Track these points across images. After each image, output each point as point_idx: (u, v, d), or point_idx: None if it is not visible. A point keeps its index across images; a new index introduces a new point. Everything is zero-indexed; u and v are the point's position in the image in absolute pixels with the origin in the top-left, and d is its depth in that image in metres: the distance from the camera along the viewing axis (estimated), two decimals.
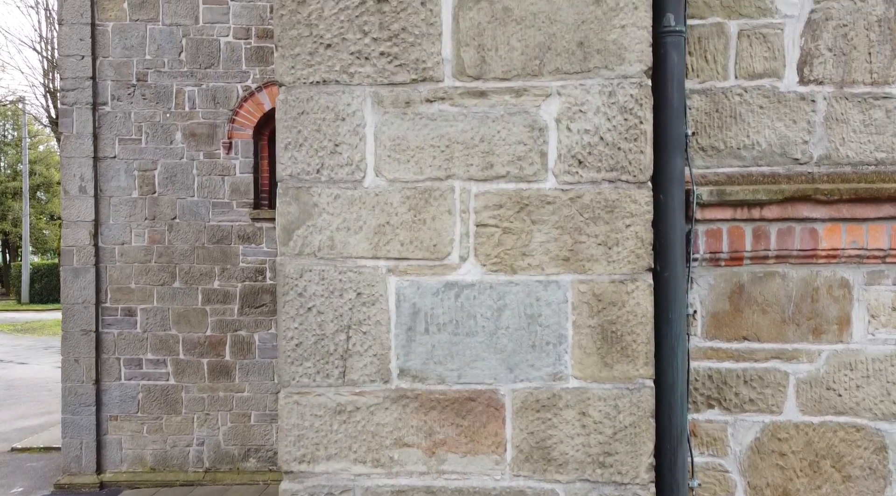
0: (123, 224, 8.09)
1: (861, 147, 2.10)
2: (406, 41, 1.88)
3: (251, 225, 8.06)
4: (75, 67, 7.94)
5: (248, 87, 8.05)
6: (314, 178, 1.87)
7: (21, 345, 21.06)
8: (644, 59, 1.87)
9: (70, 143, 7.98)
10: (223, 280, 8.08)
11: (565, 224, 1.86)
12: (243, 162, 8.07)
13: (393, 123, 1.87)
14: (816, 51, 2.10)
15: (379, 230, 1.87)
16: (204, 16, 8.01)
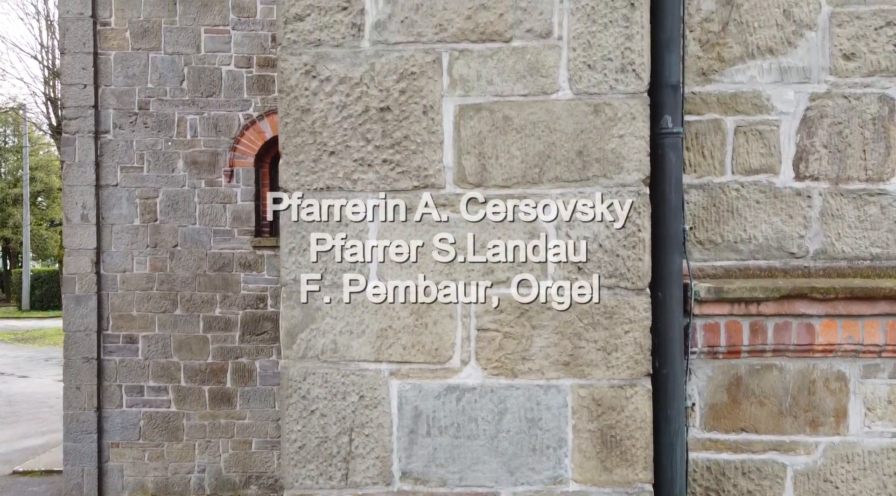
0: (125, 251, 8.12)
1: (857, 242, 2.13)
2: (408, 148, 1.91)
3: (252, 253, 8.09)
4: (77, 96, 7.98)
5: (249, 115, 8.09)
6: (318, 283, 1.90)
7: (22, 357, 21.04)
8: (642, 168, 1.90)
9: (72, 172, 8.01)
10: (224, 307, 8.11)
11: (565, 329, 1.89)
12: (245, 190, 8.10)
13: (395, 229, 1.90)
14: (812, 147, 2.13)
15: (381, 334, 1.90)
16: (206, 45, 8.05)
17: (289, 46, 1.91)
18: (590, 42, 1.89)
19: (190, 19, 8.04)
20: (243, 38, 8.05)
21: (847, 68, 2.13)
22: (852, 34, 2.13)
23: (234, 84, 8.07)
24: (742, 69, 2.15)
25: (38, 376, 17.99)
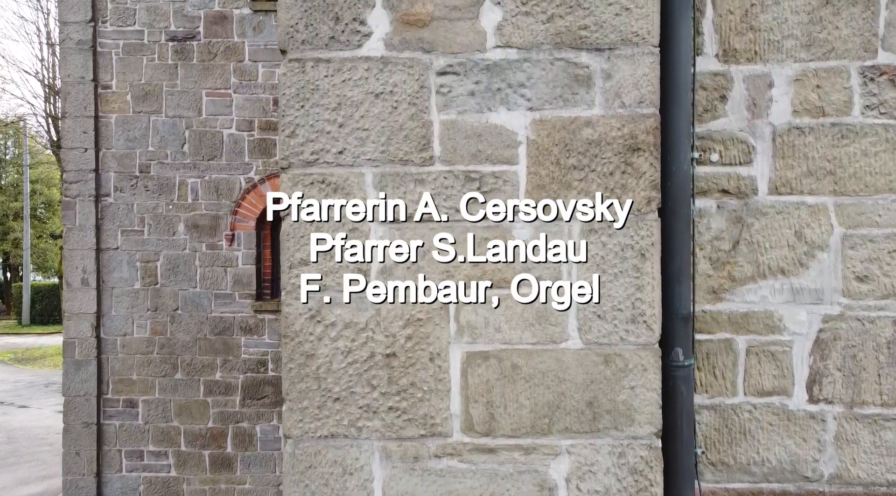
0: (125, 315, 8.07)
1: (872, 468, 2.08)
2: (415, 396, 1.87)
3: (253, 316, 8.05)
4: (78, 160, 7.96)
5: (250, 178, 8.06)
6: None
7: (22, 382, 20.93)
8: (654, 421, 1.86)
9: (73, 236, 7.98)
10: (225, 371, 8.06)
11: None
12: (246, 253, 8.06)
13: (401, 478, 1.86)
14: (825, 370, 2.09)
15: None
16: (207, 108, 8.03)
17: (293, 291, 1.88)
18: (600, 292, 1.85)
19: (191, 82, 8.02)
20: (245, 102, 8.03)
21: (860, 291, 2.09)
22: (865, 257, 2.09)
23: (236, 147, 8.05)
24: (753, 289, 2.11)
25: (38, 406, 17.89)
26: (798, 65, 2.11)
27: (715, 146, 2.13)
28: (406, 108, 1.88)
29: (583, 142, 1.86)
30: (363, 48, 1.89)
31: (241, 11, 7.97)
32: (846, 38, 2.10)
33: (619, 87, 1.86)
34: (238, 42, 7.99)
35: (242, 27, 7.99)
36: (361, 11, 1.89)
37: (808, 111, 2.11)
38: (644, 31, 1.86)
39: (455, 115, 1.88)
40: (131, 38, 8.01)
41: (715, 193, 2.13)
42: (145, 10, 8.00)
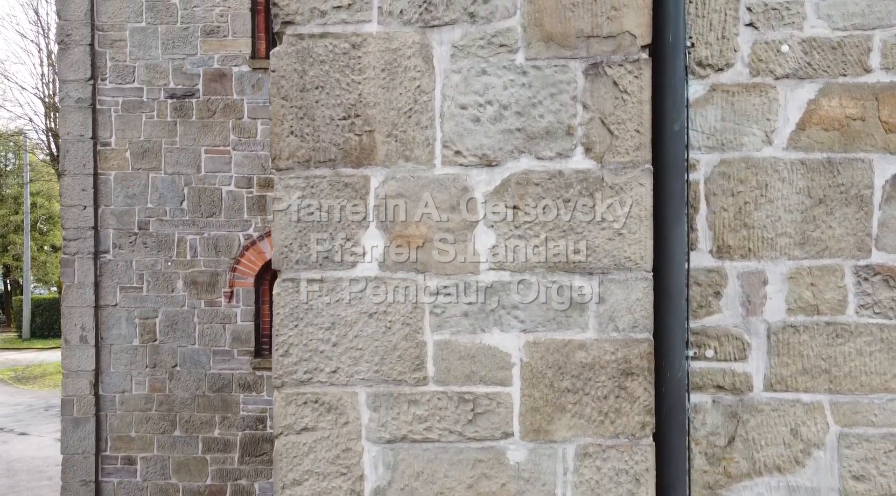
0: (124, 372, 8.07)
1: None
2: None
3: (252, 373, 8.04)
4: (77, 217, 7.97)
5: (249, 235, 8.07)
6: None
7: (22, 405, 20.86)
8: None
9: (71, 293, 7.98)
10: (223, 429, 8.04)
11: None
12: (244, 310, 8.06)
13: None
14: None
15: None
16: (206, 165, 8.04)
17: None
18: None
19: (190, 140, 8.04)
20: (244, 159, 8.04)
21: (857, 490, 2.08)
22: (862, 456, 2.08)
23: (235, 204, 8.05)
24: (749, 486, 2.10)
25: (38, 433, 17.83)
26: (792, 262, 2.11)
27: (710, 342, 2.13)
28: (400, 329, 1.88)
29: (577, 365, 1.86)
30: (357, 268, 1.89)
31: (239, 69, 8.00)
32: (840, 237, 2.10)
33: (612, 312, 1.86)
34: (237, 99, 8.01)
35: (241, 85, 8.01)
36: (355, 232, 1.89)
37: (803, 309, 2.11)
38: (637, 257, 1.86)
39: (449, 335, 1.88)
40: (130, 95, 8.04)
41: (710, 389, 2.13)
42: (144, 67, 8.02)
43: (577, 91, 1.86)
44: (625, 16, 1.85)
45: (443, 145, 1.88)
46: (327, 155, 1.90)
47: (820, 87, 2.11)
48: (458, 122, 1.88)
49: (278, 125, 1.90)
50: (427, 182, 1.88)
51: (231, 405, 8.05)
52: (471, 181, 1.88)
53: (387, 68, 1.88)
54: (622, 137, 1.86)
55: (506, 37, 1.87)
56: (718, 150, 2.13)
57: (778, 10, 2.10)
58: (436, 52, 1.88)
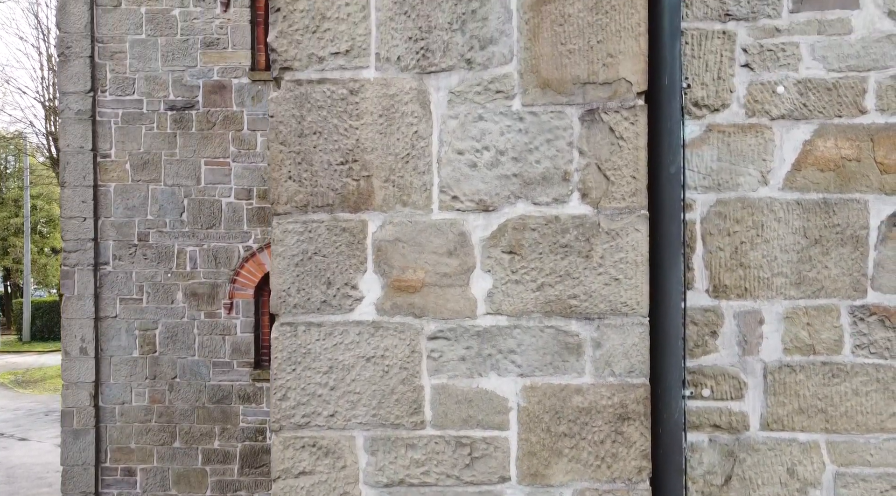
0: (124, 384, 8.08)
1: None
2: None
3: (252, 385, 8.05)
4: (77, 229, 7.98)
5: (249, 247, 8.08)
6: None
7: (22, 410, 20.84)
8: None
9: (71, 305, 7.99)
10: (223, 440, 8.05)
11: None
12: (244, 321, 8.07)
13: None
14: None
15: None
16: (206, 177, 8.06)
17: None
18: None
19: (190, 151, 8.06)
20: (243, 171, 8.06)
21: None
22: (858, 495, 2.09)
23: (234, 216, 8.07)
24: None
25: (38, 439, 17.81)
26: (788, 302, 2.12)
27: (707, 381, 2.14)
28: (397, 373, 1.89)
29: (573, 409, 1.87)
30: (355, 312, 1.90)
31: (239, 81, 8.01)
32: (836, 277, 2.11)
33: (609, 356, 1.87)
34: (237, 111, 8.03)
35: (241, 96, 8.03)
36: (353, 276, 1.90)
37: (799, 349, 2.11)
38: (633, 302, 1.87)
39: (446, 379, 1.89)
40: (130, 107, 8.05)
41: (707, 428, 2.14)
42: (144, 79, 8.04)
43: (573, 137, 1.87)
44: (621, 62, 1.86)
45: (440, 190, 1.89)
46: (325, 199, 1.91)
47: (815, 128, 2.12)
48: (455, 168, 1.89)
49: (276, 170, 1.92)
50: (424, 227, 1.89)
51: (231, 416, 8.06)
52: (468, 226, 1.89)
53: (384, 114, 1.90)
54: (618, 183, 1.87)
55: (502, 83, 1.88)
56: (715, 189, 2.15)
57: (773, 51, 2.12)
58: (433, 97, 1.89)
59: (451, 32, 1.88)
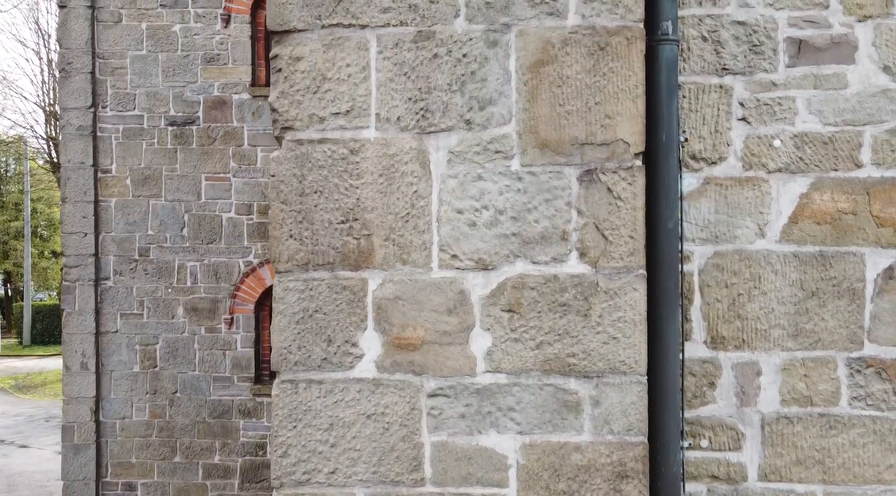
0: (124, 398, 8.09)
1: None
2: None
3: (252, 400, 8.05)
4: (78, 245, 7.99)
5: (249, 262, 8.09)
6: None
7: (22, 416, 20.81)
8: None
9: (72, 320, 8.00)
10: (224, 455, 8.05)
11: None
12: (244, 336, 8.08)
13: None
14: None
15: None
16: (206, 192, 8.07)
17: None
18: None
19: (191, 167, 8.07)
20: (244, 186, 8.08)
21: None
22: None
23: (235, 231, 8.08)
24: None
25: (39, 446, 17.79)
26: (785, 354, 2.13)
27: (705, 432, 2.15)
28: (397, 430, 1.91)
29: (572, 467, 1.89)
30: (355, 369, 1.92)
31: (240, 96, 8.03)
32: (833, 329, 2.12)
33: (607, 414, 1.89)
34: (237, 127, 8.05)
35: (242, 112, 8.04)
36: (353, 334, 1.92)
37: (797, 400, 2.13)
38: (631, 361, 1.89)
39: (446, 436, 1.90)
40: (131, 122, 8.07)
41: (705, 478, 2.15)
42: (145, 94, 8.06)
43: (571, 197, 1.89)
44: (618, 124, 1.88)
45: (440, 249, 1.91)
46: (326, 258, 1.92)
47: (812, 182, 2.13)
48: (454, 227, 1.91)
49: (277, 229, 1.93)
50: (424, 285, 1.91)
51: (231, 431, 8.06)
52: (467, 284, 1.91)
53: (384, 173, 1.91)
54: (616, 243, 1.89)
55: (501, 143, 1.90)
56: (712, 242, 2.16)
57: (770, 105, 2.13)
58: (432, 157, 1.91)
59: (450, 93, 1.90)
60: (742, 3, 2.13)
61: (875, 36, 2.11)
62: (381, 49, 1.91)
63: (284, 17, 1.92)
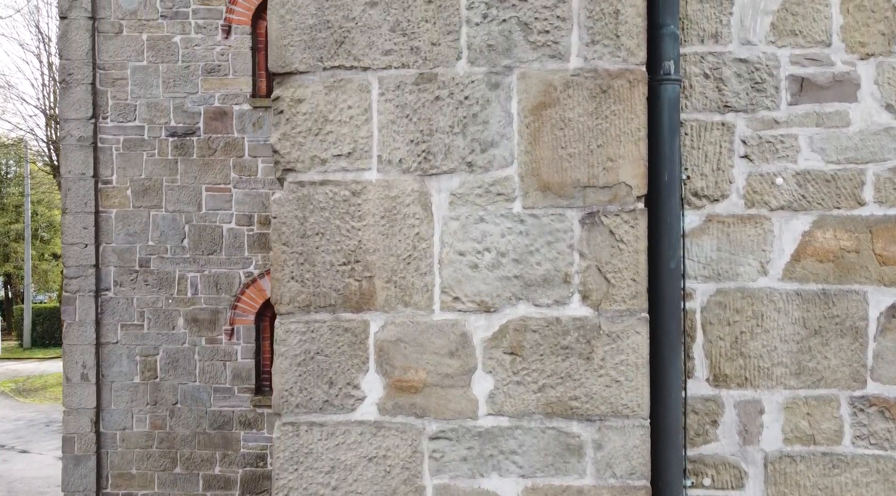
0: (125, 409, 8.08)
1: None
2: None
3: (252, 410, 8.05)
4: (79, 255, 7.99)
5: (250, 273, 8.09)
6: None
7: (23, 421, 20.80)
8: None
9: (72, 331, 8.00)
10: (224, 466, 8.05)
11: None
12: (245, 347, 8.08)
13: None
14: None
15: None
16: (207, 203, 8.07)
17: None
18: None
19: (191, 178, 8.07)
20: (244, 197, 8.07)
21: None
22: None
23: (235, 242, 8.08)
24: None
25: (39, 451, 17.77)
26: (788, 392, 2.13)
27: (707, 470, 2.15)
28: (399, 472, 1.90)
29: None
30: (357, 412, 1.91)
31: (240, 107, 8.03)
32: (835, 367, 2.12)
33: (610, 458, 1.88)
34: (238, 137, 8.05)
35: (242, 123, 8.04)
36: (355, 376, 1.91)
37: (799, 439, 2.12)
38: (634, 404, 1.88)
39: (448, 479, 1.90)
40: (132, 133, 8.07)
41: None
42: (146, 105, 8.06)
43: (573, 239, 1.88)
44: (620, 167, 1.88)
45: (441, 291, 1.91)
46: (327, 300, 1.92)
47: (814, 219, 2.13)
48: (456, 269, 1.90)
49: (279, 271, 1.93)
50: (426, 327, 1.91)
51: (232, 442, 8.06)
52: (469, 327, 1.90)
53: (386, 215, 1.91)
54: (618, 285, 1.88)
55: (503, 186, 1.89)
56: (714, 279, 2.16)
57: (772, 143, 2.13)
58: (434, 199, 1.90)
59: (452, 135, 1.89)
60: (744, 40, 2.13)
61: (877, 74, 2.11)
62: (382, 91, 1.90)
63: (286, 59, 1.91)
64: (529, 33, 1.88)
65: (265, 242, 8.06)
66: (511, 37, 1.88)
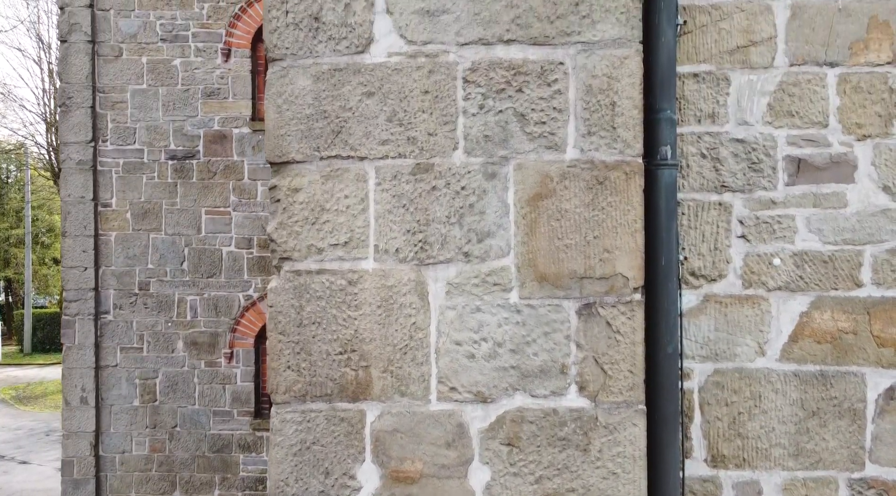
0: (124, 433, 8.07)
1: None
2: None
3: (252, 434, 8.04)
4: (78, 279, 7.99)
5: (249, 296, 8.09)
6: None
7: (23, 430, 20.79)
8: None
9: (72, 354, 8.00)
10: (224, 489, 8.03)
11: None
12: (244, 371, 8.07)
13: None
14: None
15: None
16: (206, 226, 8.07)
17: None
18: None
19: (191, 201, 8.07)
20: (244, 220, 8.07)
21: None
22: None
23: (235, 265, 8.08)
24: None
25: (39, 462, 17.76)
26: (786, 473, 2.12)
27: None
28: None
29: None
30: None
31: (240, 130, 8.04)
32: (834, 449, 2.11)
33: None
34: (237, 161, 8.05)
35: (242, 146, 8.05)
36: (351, 466, 1.91)
37: None
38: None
39: None
40: (131, 156, 8.08)
41: None
42: (145, 129, 8.07)
43: (570, 330, 1.88)
44: (617, 258, 1.87)
45: (438, 381, 1.90)
46: (324, 389, 1.91)
47: (812, 300, 2.12)
48: (453, 358, 1.90)
49: (275, 360, 1.92)
50: (422, 417, 1.90)
51: (231, 466, 8.05)
52: (466, 417, 1.90)
53: (383, 305, 1.90)
54: (616, 377, 1.88)
55: (500, 276, 1.89)
56: (712, 359, 2.15)
57: (769, 223, 2.13)
58: (431, 289, 1.90)
59: (448, 225, 1.89)
60: (741, 120, 2.13)
61: (874, 155, 2.11)
62: (379, 181, 1.90)
63: (283, 149, 1.91)
64: (526, 124, 1.88)
65: (265, 265, 8.06)
66: (507, 127, 1.88)
